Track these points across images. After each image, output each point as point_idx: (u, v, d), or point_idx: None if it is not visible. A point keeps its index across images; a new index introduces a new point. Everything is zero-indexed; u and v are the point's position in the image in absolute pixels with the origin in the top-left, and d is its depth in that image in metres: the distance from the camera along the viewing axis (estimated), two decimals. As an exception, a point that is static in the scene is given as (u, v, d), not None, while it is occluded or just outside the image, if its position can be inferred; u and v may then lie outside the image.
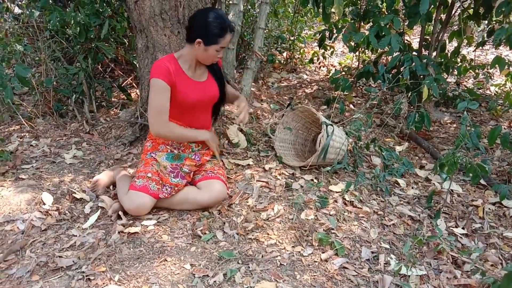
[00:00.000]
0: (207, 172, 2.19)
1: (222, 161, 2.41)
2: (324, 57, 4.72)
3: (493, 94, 4.08)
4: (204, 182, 2.15)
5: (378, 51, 3.97)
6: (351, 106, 3.71)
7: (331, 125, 2.40)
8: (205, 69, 2.20)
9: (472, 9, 3.30)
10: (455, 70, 3.65)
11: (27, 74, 2.62)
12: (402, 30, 3.44)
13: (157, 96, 2.00)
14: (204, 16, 1.96)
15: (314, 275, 1.70)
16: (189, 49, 2.06)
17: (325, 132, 2.35)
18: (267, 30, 4.70)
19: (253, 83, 3.49)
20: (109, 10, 3.22)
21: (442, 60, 3.53)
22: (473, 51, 4.37)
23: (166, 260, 1.77)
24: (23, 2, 3.71)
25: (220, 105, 2.34)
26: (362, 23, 3.68)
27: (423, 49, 3.41)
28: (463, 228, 2.12)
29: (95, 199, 2.24)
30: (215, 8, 2.15)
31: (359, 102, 3.87)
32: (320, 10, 3.18)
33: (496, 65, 3.05)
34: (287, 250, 1.83)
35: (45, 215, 2.08)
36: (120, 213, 2.07)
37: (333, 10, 2.85)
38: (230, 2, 3.03)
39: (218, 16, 1.97)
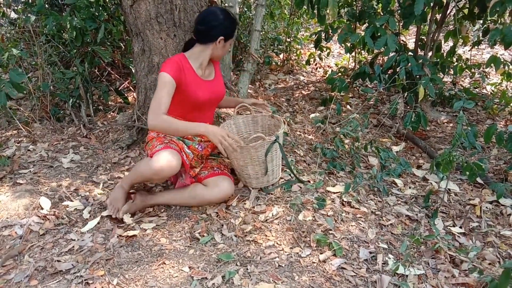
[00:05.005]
0: (213, 169, 2.22)
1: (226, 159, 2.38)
2: (321, 58, 4.73)
3: (489, 93, 4.10)
4: (211, 179, 2.17)
5: (374, 52, 3.98)
6: (348, 106, 3.72)
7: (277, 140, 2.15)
8: (212, 68, 2.27)
9: (467, 9, 3.31)
10: (451, 69, 3.66)
11: (21, 80, 2.60)
12: (397, 31, 3.46)
13: (159, 89, 2.00)
14: (218, 15, 2.07)
15: (313, 276, 1.70)
16: (203, 49, 2.12)
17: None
18: (263, 32, 4.70)
19: (250, 85, 3.50)
20: (105, 14, 3.22)
21: (438, 60, 3.54)
22: (468, 51, 4.38)
23: (165, 263, 1.77)
24: (19, 7, 3.71)
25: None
26: (357, 24, 3.70)
27: (418, 49, 3.42)
28: (460, 227, 2.13)
29: (92, 205, 2.24)
30: (217, 6, 2.23)
31: (355, 102, 3.88)
32: (315, 11, 3.19)
33: (492, 64, 3.06)
34: (285, 252, 1.83)
35: (43, 219, 2.08)
36: (126, 216, 2.07)
37: (328, 11, 2.85)
38: (226, 5, 3.03)
39: (227, 12, 2.12)
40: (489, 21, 3.45)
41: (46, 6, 3.32)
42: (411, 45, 4.46)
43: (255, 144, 2.07)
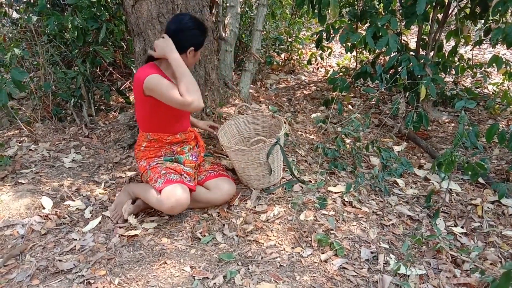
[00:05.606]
0: (208, 172, 2.21)
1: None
2: (322, 58, 4.73)
3: (491, 93, 4.09)
4: (210, 182, 2.16)
5: (376, 52, 3.98)
6: (350, 106, 3.72)
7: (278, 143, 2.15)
8: None
9: (468, 9, 3.31)
10: (453, 69, 3.65)
11: (23, 78, 2.58)
12: (399, 31, 3.45)
13: (162, 85, 1.91)
14: (190, 25, 1.97)
15: (314, 276, 1.70)
16: None
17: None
18: (264, 32, 4.71)
19: (251, 85, 3.50)
20: (106, 14, 3.23)
21: (440, 59, 3.53)
22: (470, 50, 4.37)
23: (166, 263, 1.77)
24: (21, 7, 3.72)
25: None
26: (359, 23, 3.69)
27: (420, 49, 3.42)
28: (462, 227, 2.12)
29: (93, 204, 2.24)
30: (185, 13, 2.16)
31: (357, 102, 3.87)
32: (316, 11, 3.19)
33: (494, 64, 3.06)
34: (287, 251, 1.83)
35: (44, 219, 2.08)
36: (130, 217, 2.07)
37: (329, 11, 2.85)
38: (227, 4, 3.04)
39: (197, 20, 2.04)
40: (491, 21, 3.45)
41: (48, 6, 3.32)
42: (412, 45, 4.44)
43: (257, 146, 2.07)
